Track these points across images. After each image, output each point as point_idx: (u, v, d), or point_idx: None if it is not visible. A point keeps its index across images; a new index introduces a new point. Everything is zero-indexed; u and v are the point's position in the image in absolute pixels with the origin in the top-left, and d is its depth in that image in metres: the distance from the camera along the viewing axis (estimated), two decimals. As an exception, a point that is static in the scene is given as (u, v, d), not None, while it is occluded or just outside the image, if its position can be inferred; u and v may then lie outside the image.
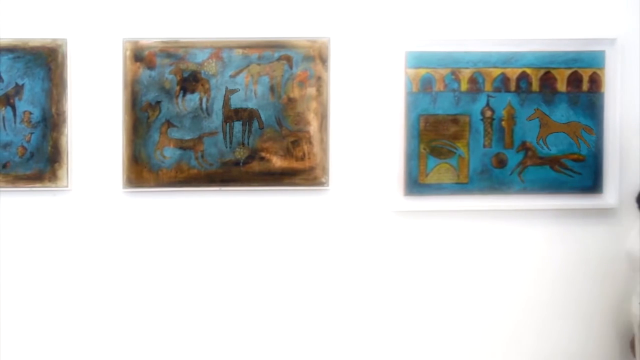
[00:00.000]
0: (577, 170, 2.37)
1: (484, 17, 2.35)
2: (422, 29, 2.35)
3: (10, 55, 2.31)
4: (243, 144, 2.34)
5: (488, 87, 2.35)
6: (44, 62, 2.32)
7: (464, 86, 2.35)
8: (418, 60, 2.34)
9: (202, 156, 2.34)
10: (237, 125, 2.34)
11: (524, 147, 2.36)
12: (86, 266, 2.33)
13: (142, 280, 2.34)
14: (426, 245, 2.37)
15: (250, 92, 2.34)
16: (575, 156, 2.36)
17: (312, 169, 2.35)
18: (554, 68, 2.35)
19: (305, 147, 2.35)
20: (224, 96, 2.33)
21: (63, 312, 2.34)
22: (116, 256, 2.34)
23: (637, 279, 2.14)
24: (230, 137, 2.34)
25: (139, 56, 2.33)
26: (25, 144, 2.32)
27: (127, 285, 2.34)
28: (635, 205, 2.21)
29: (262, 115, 2.34)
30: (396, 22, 2.34)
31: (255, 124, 2.34)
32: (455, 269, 2.38)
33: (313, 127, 2.35)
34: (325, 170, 2.35)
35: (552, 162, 2.36)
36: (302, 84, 2.35)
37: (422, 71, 2.35)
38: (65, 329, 2.34)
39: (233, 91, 2.34)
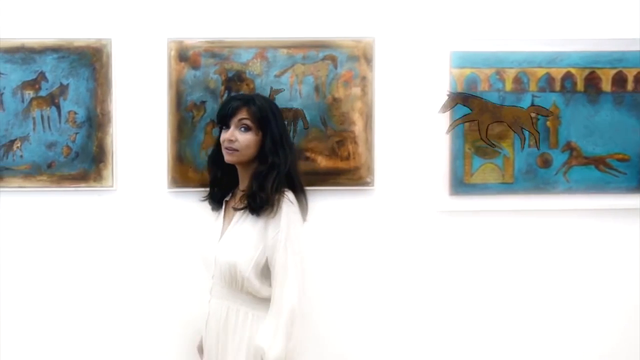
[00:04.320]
0: (622, 170, 2.36)
1: (528, 17, 2.35)
2: (466, 29, 2.35)
3: (55, 55, 2.31)
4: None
5: (533, 87, 2.35)
6: (89, 62, 2.32)
7: (509, 86, 2.35)
8: (463, 60, 2.34)
9: (248, 156, 2.33)
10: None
11: (569, 147, 2.36)
12: (131, 266, 2.32)
13: (187, 280, 2.32)
14: (472, 245, 2.37)
15: (295, 92, 2.34)
16: (620, 156, 2.36)
17: (357, 168, 2.35)
18: (598, 68, 2.35)
19: (350, 147, 2.35)
20: (269, 96, 2.33)
21: (108, 310, 2.33)
22: (161, 256, 2.33)
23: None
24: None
25: (184, 56, 2.33)
26: (70, 144, 2.31)
27: (172, 285, 2.33)
28: None
29: (307, 115, 2.34)
30: (441, 22, 2.34)
31: (300, 124, 2.34)
32: (501, 268, 2.38)
33: (358, 127, 2.35)
34: (370, 170, 2.35)
35: (597, 162, 2.36)
36: (346, 84, 2.35)
37: (467, 71, 2.35)
38: (111, 327, 2.33)
39: (278, 91, 2.34)
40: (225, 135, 1.91)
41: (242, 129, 1.89)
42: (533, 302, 2.39)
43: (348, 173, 2.35)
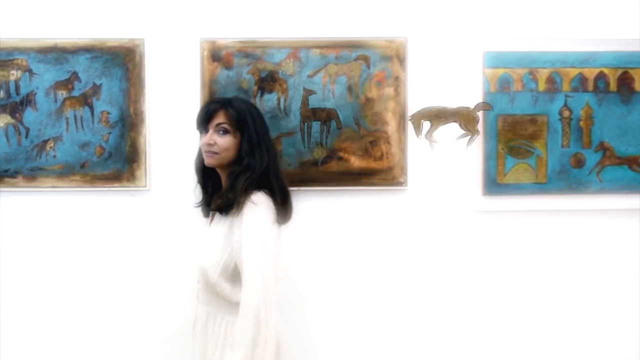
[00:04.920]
0: (655, 170, 2.37)
1: (562, 17, 2.35)
2: (499, 29, 2.35)
3: (88, 55, 2.31)
4: (321, 144, 2.34)
5: (566, 87, 2.35)
6: (122, 62, 2.32)
7: (542, 86, 2.35)
8: (496, 60, 2.34)
9: (280, 156, 2.33)
10: (315, 125, 2.34)
11: (602, 147, 2.35)
12: (165, 266, 2.32)
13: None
14: (505, 245, 2.37)
15: (328, 92, 2.34)
16: (653, 156, 2.37)
17: (390, 168, 2.35)
18: (631, 68, 2.35)
19: (384, 147, 2.34)
20: (302, 96, 2.33)
21: (141, 310, 2.32)
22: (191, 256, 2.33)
23: None
24: (309, 137, 2.33)
25: (217, 56, 2.32)
26: (103, 144, 2.31)
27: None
28: None
29: (340, 115, 2.34)
30: (474, 22, 2.34)
31: (334, 124, 2.34)
32: (534, 268, 2.37)
33: (391, 127, 2.35)
34: (403, 170, 2.34)
35: (630, 162, 2.36)
36: (379, 84, 2.35)
37: (500, 71, 2.35)
38: (146, 327, 2.32)
39: (311, 91, 2.33)
40: (204, 139, 1.88)
41: (221, 132, 1.86)
42: (568, 302, 2.38)
43: (381, 173, 2.35)
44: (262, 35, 2.33)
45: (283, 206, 1.87)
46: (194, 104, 2.31)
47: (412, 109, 2.34)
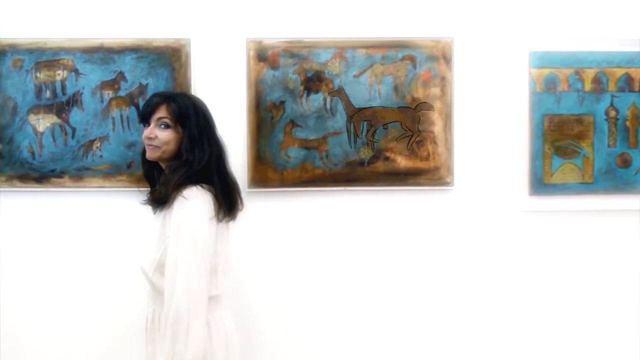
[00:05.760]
0: (702, 170, 2.37)
1: (608, 17, 2.35)
2: (545, 29, 2.35)
3: (134, 55, 2.31)
4: (367, 143, 2.33)
5: (612, 87, 2.35)
6: (168, 62, 2.31)
7: (588, 86, 2.35)
8: (541, 60, 2.34)
9: (327, 156, 2.33)
10: (362, 125, 2.33)
11: (649, 147, 2.36)
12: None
13: (267, 278, 2.32)
14: (552, 245, 2.36)
15: (374, 92, 2.34)
16: (700, 155, 2.37)
17: (436, 168, 2.34)
18: (678, 68, 2.36)
19: (430, 147, 2.34)
20: (342, 97, 2.33)
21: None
22: (241, 255, 2.32)
23: None
24: (355, 137, 2.33)
25: (263, 56, 2.32)
26: (150, 144, 2.30)
27: (250, 283, 2.32)
28: None
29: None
30: (520, 22, 2.35)
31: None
32: (581, 268, 2.37)
33: (437, 127, 2.34)
34: (450, 170, 2.34)
35: (677, 161, 2.36)
36: (426, 84, 2.34)
37: (546, 71, 2.35)
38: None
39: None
40: (145, 133, 1.87)
41: (162, 126, 1.85)
42: (617, 301, 2.38)
43: (428, 173, 2.34)
44: (308, 35, 2.33)
45: (225, 202, 1.84)
46: (240, 104, 2.31)
47: (458, 108, 2.34)
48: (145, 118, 1.89)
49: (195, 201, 1.76)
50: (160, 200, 1.81)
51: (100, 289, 2.31)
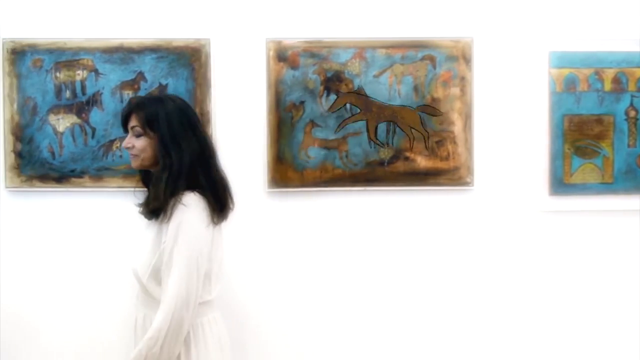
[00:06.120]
0: None
1: (627, 17, 2.35)
2: (565, 29, 2.35)
3: (154, 55, 2.31)
4: (387, 144, 2.33)
5: (632, 87, 2.35)
6: (188, 62, 2.31)
7: (608, 86, 2.35)
8: (561, 60, 2.34)
9: (347, 156, 2.33)
10: (382, 126, 2.33)
11: (669, 147, 2.36)
12: (235, 265, 2.31)
13: (298, 278, 2.34)
14: (572, 245, 2.36)
15: (394, 92, 2.34)
16: None
17: (456, 168, 2.34)
18: (697, 68, 2.36)
19: (450, 147, 2.34)
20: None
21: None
22: (261, 256, 2.33)
23: None
24: (375, 137, 2.33)
25: (282, 56, 2.32)
26: (170, 144, 2.30)
27: (274, 284, 2.32)
28: None
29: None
30: (539, 22, 2.35)
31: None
32: (601, 267, 2.37)
33: (457, 127, 2.34)
34: (469, 170, 2.34)
35: (697, 161, 2.36)
36: (445, 84, 2.34)
37: (566, 71, 2.35)
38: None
39: (377, 91, 2.33)
40: (123, 143, 1.88)
41: (136, 134, 1.85)
42: (638, 302, 2.38)
43: (448, 173, 2.34)
44: (327, 35, 2.33)
45: (217, 205, 1.82)
46: (260, 104, 2.31)
47: (478, 108, 2.34)
48: (123, 127, 1.90)
49: (196, 208, 1.76)
50: (156, 211, 1.79)
51: (121, 288, 2.30)
